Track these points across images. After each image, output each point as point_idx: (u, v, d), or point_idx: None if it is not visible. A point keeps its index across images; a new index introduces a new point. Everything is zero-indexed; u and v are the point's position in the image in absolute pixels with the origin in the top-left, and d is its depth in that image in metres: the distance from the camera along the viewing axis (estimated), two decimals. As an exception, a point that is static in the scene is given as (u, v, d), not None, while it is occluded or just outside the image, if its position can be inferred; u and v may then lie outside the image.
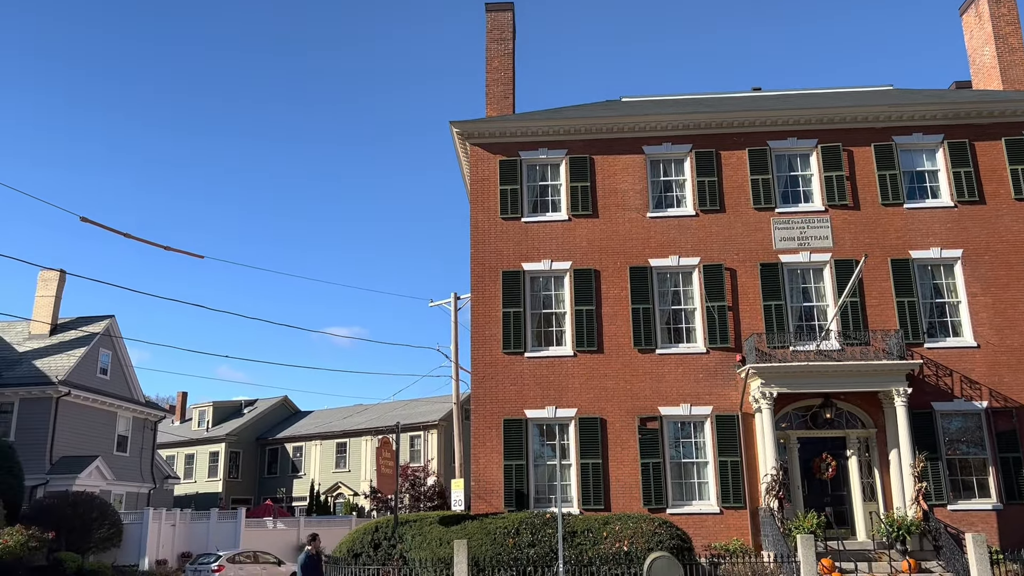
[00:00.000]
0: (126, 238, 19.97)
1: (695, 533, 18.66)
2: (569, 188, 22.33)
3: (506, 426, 20.64)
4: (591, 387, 20.82)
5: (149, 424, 41.36)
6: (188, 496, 52.91)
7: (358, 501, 51.79)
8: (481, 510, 19.74)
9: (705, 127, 22.51)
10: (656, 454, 20.23)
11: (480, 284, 21.80)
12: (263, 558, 30.19)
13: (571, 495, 20.15)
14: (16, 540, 25.42)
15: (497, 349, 21.26)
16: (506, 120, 23.05)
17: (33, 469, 31.96)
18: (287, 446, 58.64)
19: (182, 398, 65.07)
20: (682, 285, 21.68)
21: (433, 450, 52.71)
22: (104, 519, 29.92)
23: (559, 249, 21.87)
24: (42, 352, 36.18)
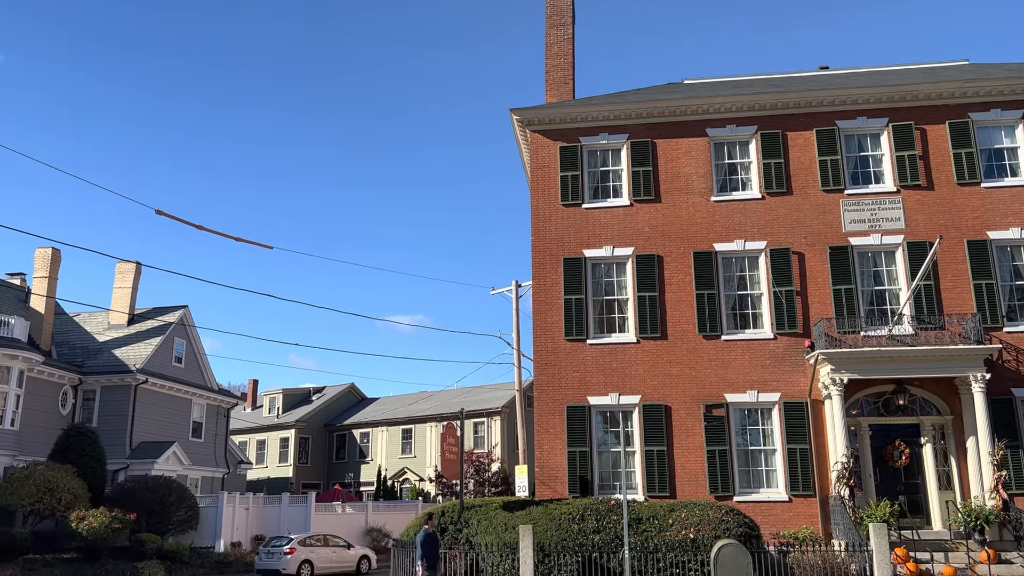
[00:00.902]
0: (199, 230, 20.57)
1: (763, 521, 18.40)
2: (631, 173, 22.12)
3: (569, 413, 20.65)
4: (655, 374, 20.65)
5: (222, 411, 42.63)
6: (260, 481, 54.42)
7: (424, 486, 52.52)
8: (545, 496, 19.81)
9: (771, 108, 22.02)
10: (722, 441, 19.99)
11: (541, 271, 21.80)
12: (333, 541, 30.89)
13: (636, 482, 20.07)
14: (101, 521, 26.56)
15: (559, 336, 21.25)
16: (566, 106, 22.92)
17: (114, 454, 33.29)
18: (354, 432, 59.77)
19: (253, 386, 66.88)
20: (748, 270, 21.31)
21: (496, 436, 53.08)
22: (182, 502, 31.03)
23: (621, 235, 21.70)
24: (121, 341, 37.58)
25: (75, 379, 34.67)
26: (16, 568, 23.95)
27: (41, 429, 31.71)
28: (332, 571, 29.64)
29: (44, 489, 26.80)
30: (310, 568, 28.69)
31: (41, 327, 35.09)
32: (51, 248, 36.46)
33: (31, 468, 27.57)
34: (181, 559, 28.81)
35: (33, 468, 27.56)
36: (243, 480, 46.99)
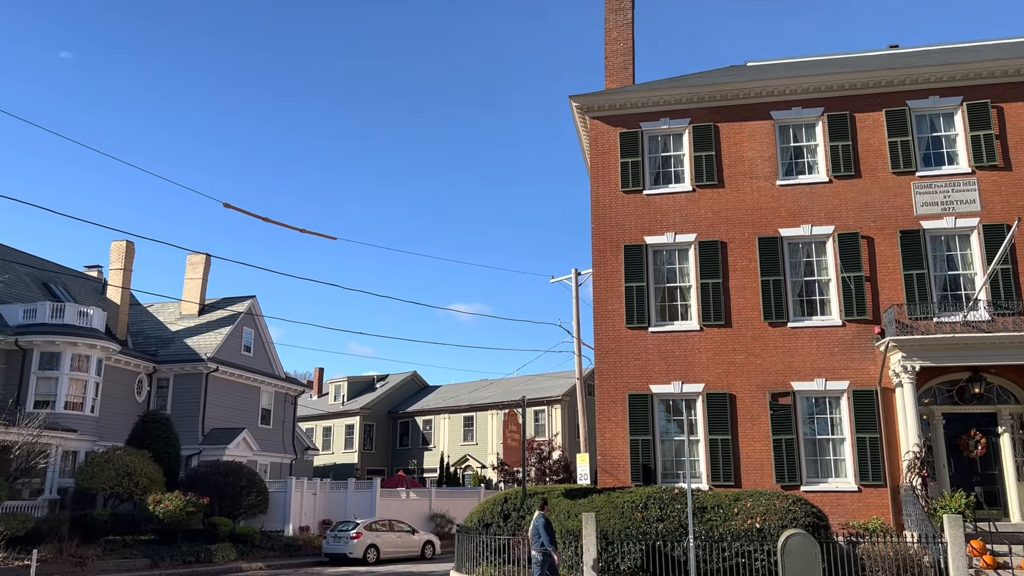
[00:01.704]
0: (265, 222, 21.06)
1: (831, 511, 18.05)
2: (693, 158, 21.81)
3: (631, 401, 20.54)
4: (719, 362, 20.38)
5: (289, 398, 43.65)
6: (326, 467, 55.59)
7: (485, 473, 52.95)
8: (608, 484, 19.78)
9: (838, 89, 21.43)
10: (789, 430, 19.64)
11: (602, 259, 21.68)
12: (398, 526, 31.40)
13: (700, 471, 19.88)
14: (176, 505, 27.50)
15: (620, 324, 21.13)
16: (626, 91, 22.70)
17: (187, 440, 34.39)
18: (417, 419, 60.56)
19: (319, 374, 68.25)
20: (815, 255, 20.84)
21: (557, 424, 53.14)
22: (252, 487, 31.90)
23: (683, 221, 21.44)
24: (192, 331, 38.76)
25: (149, 367, 35.91)
26: (98, 548, 24.98)
27: (119, 416, 32.96)
28: (397, 556, 30.15)
29: (123, 473, 27.84)
30: (376, 552, 29.24)
31: (117, 317, 36.41)
32: (125, 241, 37.78)
33: (110, 453, 28.67)
34: (252, 542, 29.66)
35: (112, 453, 28.66)
36: (310, 466, 48.09)
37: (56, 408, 29.47)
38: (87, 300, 35.77)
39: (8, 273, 31.77)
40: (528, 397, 30.35)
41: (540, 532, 14.74)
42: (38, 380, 29.78)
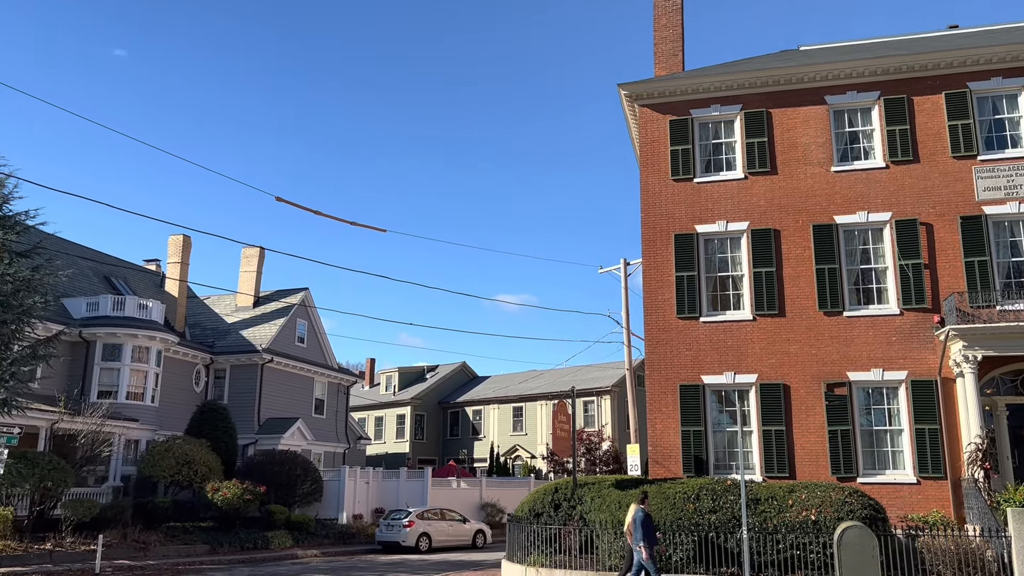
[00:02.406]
0: (316, 215, 21.37)
1: (889, 504, 17.68)
2: (745, 145, 21.48)
3: (682, 392, 20.37)
4: (772, 352, 20.09)
5: (342, 388, 44.30)
6: (378, 456, 56.33)
7: (535, 463, 53.08)
8: (659, 475, 19.67)
9: (895, 72, 20.88)
10: (845, 421, 19.28)
11: (652, 248, 21.50)
12: (449, 515, 31.69)
13: (753, 462, 19.64)
14: (234, 492, 28.16)
15: (671, 314, 20.95)
16: (676, 78, 22.43)
17: (244, 429, 35.16)
18: (467, 410, 60.97)
19: (370, 364, 69.13)
20: (871, 243, 20.37)
21: (607, 415, 53.00)
22: (307, 476, 32.50)
23: (735, 209, 21.14)
24: (247, 323, 39.57)
25: (207, 358, 36.76)
26: (160, 534, 25.73)
27: (178, 405, 33.84)
28: (449, 544, 30.44)
29: (182, 461, 28.59)
30: (428, 541, 29.57)
31: (175, 310, 37.34)
32: (183, 235, 38.68)
33: (170, 442, 29.46)
34: (307, 530, 30.24)
35: (172, 442, 29.44)
36: (362, 455, 48.78)
37: (118, 398, 30.37)
38: (146, 293, 36.74)
39: (72, 268, 32.75)
40: (577, 388, 30.27)
41: (638, 527, 14.60)
42: (101, 371, 30.72)
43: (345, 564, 24.47)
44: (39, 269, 24.07)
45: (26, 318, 23.53)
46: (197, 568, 22.33)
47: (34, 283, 23.69)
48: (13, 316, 22.92)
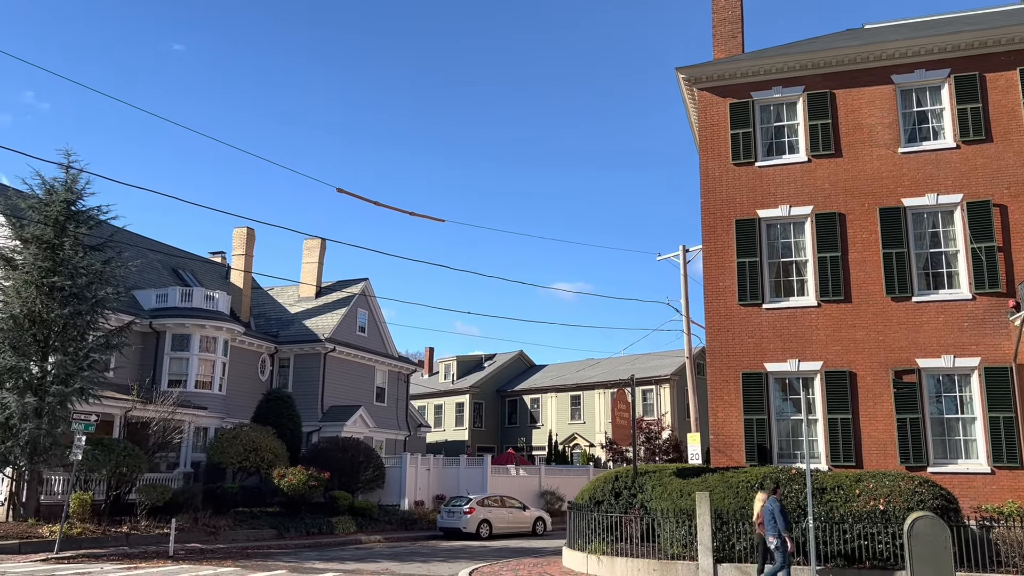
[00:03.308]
0: (376, 206, 21.61)
1: (961, 494, 17.17)
2: (808, 127, 20.97)
3: (745, 380, 20.07)
4: (837, 339, 19.64)
5: (402, 377, 44.88)
6: (438, 443, 56.96)
7: (594, 452, 53.04)
8: (721, 464, 19.45)
9: (965, 48, 20.12)
10: (914, 409, 18.75)
11: (712, 234, 21.19)
12: (509, 502, 31.87)
13: (818, 451, 19.26)
14: (299, 479, 28.80)
15: (732, 301, 20.63)
16: (735, 61, 22.01)
17: (308, 417, 35.91)
18: (525, 398, 61.18)
19: (429, 353, 69.84)
20: (941, 226, 19.72)
21: (666, 404, 52.61)
22: (369, 462, 33.06)
23: (798, 193, 20.68)
24: (310, 313, 40.34)
25: (271, 348, 37.61)
26: (229, 519, 26.47)
27: (244, 394, 34.72)
28: (509, 531, 30.64)
29: (249, 448, 29.34)
30: (488, 528, 29.81)
31: (241, 300, 38.27)
32: (247, 227, 39.59)
33: (237, 429, 30.25)
34: (370, 515, 30.77)
35: (239, 429, 30.23)
36: (423, 442, 49.38)
37: (187, 387, 31.30)
38: (213, 284, 37.72)
39: (141, 260, 33.80)
40: (636, 376, 30.06)
41: (776, 517, 14.36)
42: (170, 360, 31.68)
43: (407, 550, 24.84)
44: (111, 262, 24.95)
45: (99, 309, 24.44)
46: (265, 552, 22.93)
47: (106, 275, 24.57)
48: (87, 307, 23.82)
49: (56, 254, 23.45)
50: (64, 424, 22.41)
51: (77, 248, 23.94)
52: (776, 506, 14.43)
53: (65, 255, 23.48)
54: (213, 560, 20.37)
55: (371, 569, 18.99)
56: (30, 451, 22.13)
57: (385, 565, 19.99)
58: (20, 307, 22.68)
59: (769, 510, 14.48)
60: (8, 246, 24.17)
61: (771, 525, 14.39)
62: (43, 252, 23.36)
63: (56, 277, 23.01)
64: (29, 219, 23.66)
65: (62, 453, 22.49)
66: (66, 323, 23.36)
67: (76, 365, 23.05)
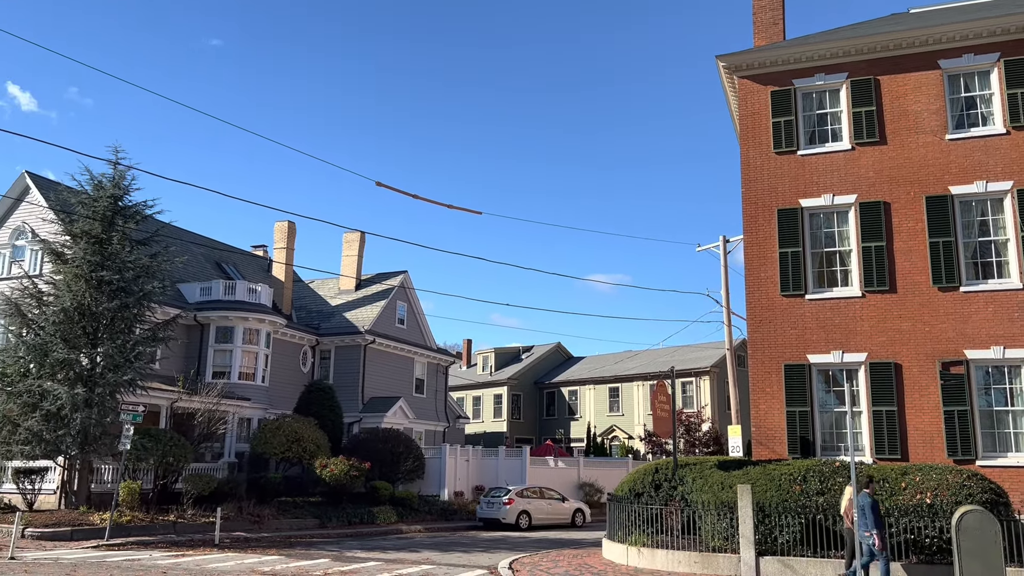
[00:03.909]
0: (414, 199, 21.71)
1: (1012, 488, 16.81)
2: (851, 114, 20.59)
3: (787, 372, 19.83)
4: (882, 330, 19.30)
5: (441, 368, 45.13)
6: (477, 435, 57.22)
7: (632, 444, 52.89)
8: (763, 456, 19.26)
9: (1016, 31, 19.57)
10: (962, 401, 18.37)
11: (753, 224, 20.94)
12: (548, 494, 31.92)
13: (863, 443, 18.98)
14: (340, 469, 29.15)
15: (774, 292, 20.38)
16: (777, 48, 21.68)
17: (348, 408, 36.31)
18: (562, 390, 61.16)
19: (467, 345, 70.12)
20: (990, 214, 19.24)
21: (706, 396, 52.22)
22: (409, 453, 33.33)
23: (841, 182, 20.34)
24: (350, 305, 40.74)
25: (312, 340, 38.06)
26: (272, 508, 26.90)
27: (286, 385, 35.22)
28: (548, 522, 30.69)
29: (292, 439, 29.76)
30: (528, 519, 29.89)
31: (282, 293, 38.78)
32: (288, 221, 40.05)
33: (280, 420, 30.70)
34: (410, 506, 31.04)
35: (282, 420, 30.68)
36: (461, 433, 49.65)
37: (231, 378, 31.83)
38: (255, 278, 38.28)
39: (185, 254, 34.40)
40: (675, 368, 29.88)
41: (867, 513, 13.88)
42: (214, 352, 32.23)
43: (448, 540, 25.01)
44: (157, 256, 25.45)
45: (146, 302, 24.95)
46: (308, 541, 23.26)
47: (152, 269, 25.07)
48: (134, 300, 24.33)
49: (104, 248, 23.97)
50: (113, 414, 22.94)
51: (124, 243, 24.45)
52: (867, 501, 13.83)
53: (113, 249, 23.99)
54: (257, 548, 20.72)
55: (412, 559, 19.16)
56: (81, 440, 22.70)
57: (426, 555, 20.16)
58: (70, 300, 23.24)
59: (860, 505, 13.96)
60: (59, 241, 24.77)
61: (862, 521, 13.89)
62: (92, 247, 23.89)
63: (104, 271, 23.52)
64: (78, 215, 24.21)
65: (111, 443, 23.04)
66: (114, 316, 23.88)
67: (124, 357, 23.57)
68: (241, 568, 16.33)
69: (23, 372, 23.00)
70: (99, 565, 16.08)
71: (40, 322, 23.37)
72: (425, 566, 17.76)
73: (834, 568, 14.99)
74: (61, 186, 28.79)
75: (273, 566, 16.80)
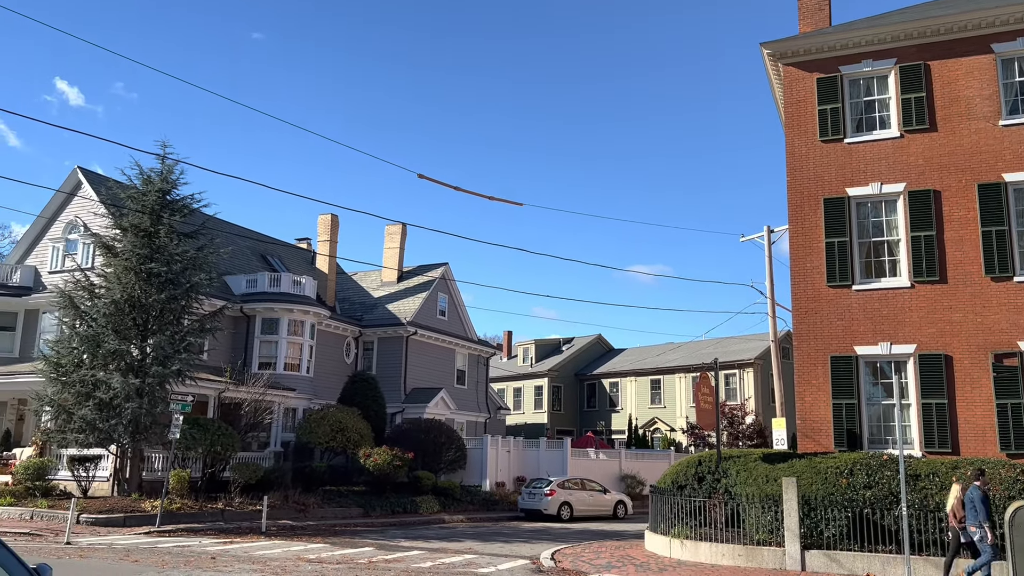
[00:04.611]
0: (455, 191, 21.78)
1: (1068, 484, 16.33)
2: (900, 101, 20.14)
3: (833, 364, 19.51)
4: (932, 320, 18.88)
5: (482, 360, 45.30)
6: (517, 426, 57.33)
7: (674, 436, 52.55)
8: (808, 449, 19.00)
9: (1074, 12, 18.94)
10: (1015, 394, 17.89)
11: (799, 214, 20.62)
12: (589, 485, 31.89)
13: (911, 437, 18.61)
14: (384, 459, 29.46)
15: (820, 282, 20.05)
16: (823, 34, 21.28)
17: (391, 398, 36.63)
18: (603, 382, 60.95)
19: (508, 336, 70.27)
20: (1046, 202, 18.67)
21: (750, 388, 51.66)
22: (451, 443, 33.54)
23: (889, 170, 19.91)
24: (392, 297, 41.08)
25: (355, 331, 38.46)
26: (317, 497, 27.30)
27: (330, 376, 35.65)
28: (589, 514, 30.68)
29: (336, 429, 30.15)
30: (569, 510, 29.91)
31: (326, 285, 39.23)
32: (331, 214, 40.47)
33: (325, 410, 31.11)
34: (453, 496, 31.25)
35: (326, 410, 31.08)
36: (502, 425, 49.80)
37: (277, 369, 32.31)
38: (299, 270, 38.77)
39: (231, 246, 34.97)
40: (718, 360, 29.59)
41: (977, 506, 13.48)
42: (260, 344, 32.74)
43: (490, 530, 25.15)
44: (203, 248, 25.91)
45: (193, 294, 25.44)
46: (352, 530, 23.57)
47: (199, 261, 25.53)
48: (182, 292, 24.82)
49: (152, 241, 24.48)
50: (162, 404, 23.46)
51: (172, 235, 24.94)
52: (977, 494, 13.47)
53: (161, 242, 24.49)
54: (303, 536, 21.06)
55: (455, 548, 19.31)
56: (132, 429, 23.26)
57: (468, 544, 20.30)
58: (121, 292, 23.79)
59: (970, 498, 13.57)
60: (109, 234, 25.35)
61: (972, 514, 13.49)
62: (140, 240, 24.42)
63: (153, 263, 24.03)
64: (128, 208, 24.74)
65: (161, 432, 23.57)
66: (163, 307, 24.38)
67: (173, 348, 24.07)
68: (287, 555, 16.62)
69: (77, 363, 23.62)
70: (151, 551, 16.49)
71: (92, 314, 23.95)
72: (467, 555, 17.89)
73: (882, 563, 14.76)
74: (111, 181, 29.43)
75: (319, 553, 17.06)
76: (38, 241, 32.80)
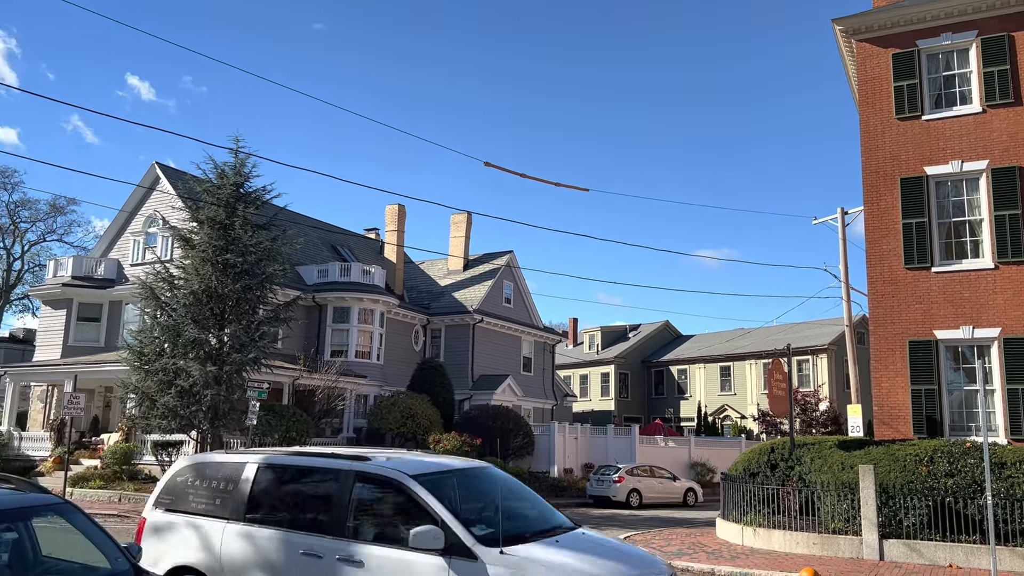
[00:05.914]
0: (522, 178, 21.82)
1: None
2: (982, 74, 19.32)
3: (912, 348, 18.92)
4: (1018, 303, 18.13)
5: (548, 347, 45.35)
6: (584, 413, 57.28)
7: (745, 424, 51.78)
8: (886, 436, 18.50)
9: None
10: (1109, 379, 17.09)
11: (874, 194, 20.00)
12: (659, 472, 31.70)
13: (996, 423, 17.95)
14: (453, 444, 29.82)
15: (897, 265, 19.44)
16: (898, 8, 20.53)
17: (459, 385, 37.03)
18: (671, 368, 60.39)
19: (573, 324, 70.16)
20: None
21: (823, 375, 50.53)
22: (519, 430, 33.73)
23: (971, 147, 19.15)
24: (459, 285, 41.44)
25: (423, 319, 38.95)
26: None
27: (400, 363, 36.21)
28: (658, 501, 30.50)
29: (406, 415, 30.64)
30: (638, 497, 29.79)
31: (394, 274, 39.81)
32: (398, 204, 41.00)
33: (395, 397, 31.63)
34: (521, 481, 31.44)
35: (397, 397, 31.61)
36: (569, 411, 49.83)
37: (348, 357, 32.98)
38: (368, 259, 39.42)
39: (303, 237, 35.75)
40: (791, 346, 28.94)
41: None
42: (332, 332, 33.46)
43: (559, 516, 25.19)
44: (277, 240, 26.51)
45: (268, 284, 26.08)
46: (423, 514, 23.86)
47: (273, 252, 26.14)
48: (257, 283, 25.46)
49: (228, 233, 25.17)
50: (240, 391, 24.17)
51: (246, 227, 25.60)
52: None
53: (236, 234, 25.16)
54: (376, 520, 21.44)
55: (524, 533, 19.39)
56: (211, 416, 24.04)
57: (538, 530, 20.37)
58: (199, 283, 24.55)
59: None
60: (186, 227, 26.18)
61: None
62: (216, 232, 25.13)
63: (228, 255, 24.71)
64: (204, 201, 25.50)
65: (239, 418, 24.30)
66: (239, 297, 25.07)
67: (249, 336, 24.75)
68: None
69: (158, 352, 24.50)
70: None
71: (172, 304, 24.79)
72: (537, 541, 17.95)
73: (965, 553, 14.30)
74: (187, 175, 30.38)
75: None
76: (120, 235, 34.12)
